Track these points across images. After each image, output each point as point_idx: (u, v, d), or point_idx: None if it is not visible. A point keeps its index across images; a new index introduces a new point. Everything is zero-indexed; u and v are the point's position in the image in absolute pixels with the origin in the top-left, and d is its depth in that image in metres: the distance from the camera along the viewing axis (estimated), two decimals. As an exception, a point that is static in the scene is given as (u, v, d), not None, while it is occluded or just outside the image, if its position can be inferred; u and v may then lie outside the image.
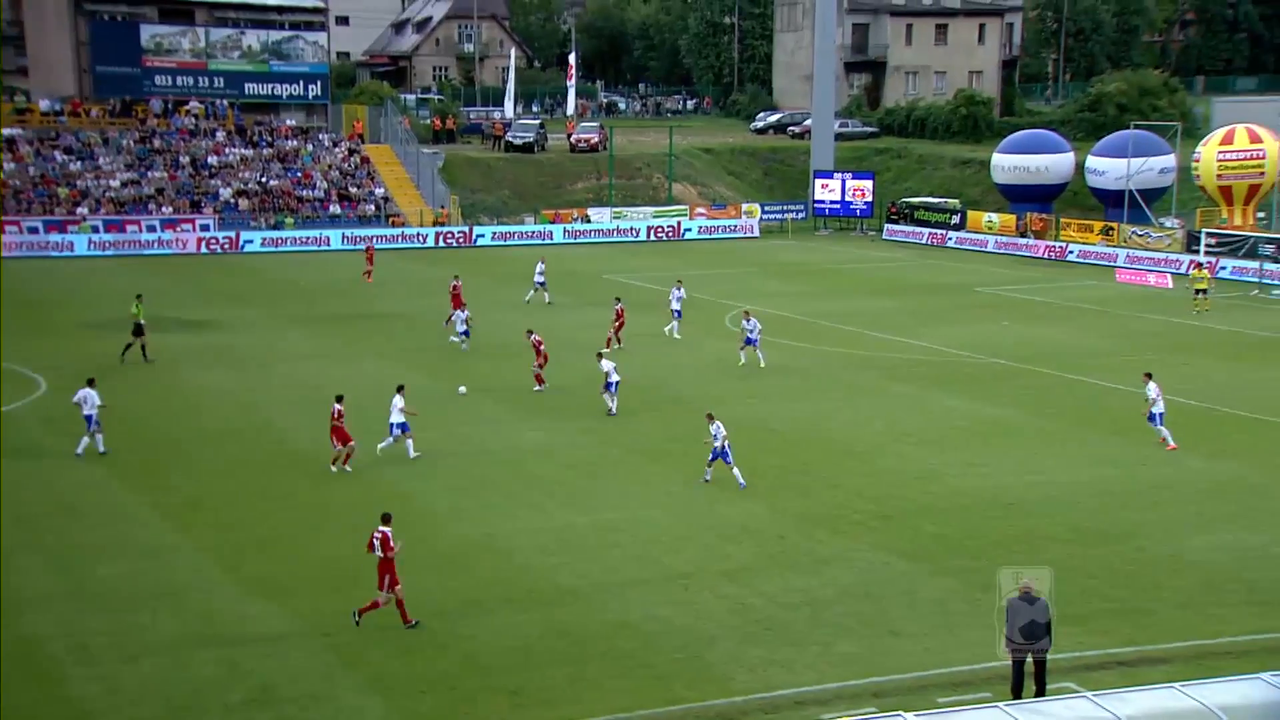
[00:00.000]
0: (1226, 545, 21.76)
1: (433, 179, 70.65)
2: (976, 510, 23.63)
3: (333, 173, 69.87)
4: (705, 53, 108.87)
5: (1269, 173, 57.77)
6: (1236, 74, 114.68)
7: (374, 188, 69.48)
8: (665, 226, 69.50)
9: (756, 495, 24.47)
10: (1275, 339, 40.50)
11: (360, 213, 67.24)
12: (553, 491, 24.78)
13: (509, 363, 36.40)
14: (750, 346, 35.81)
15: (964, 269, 57.53)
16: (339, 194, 68.21)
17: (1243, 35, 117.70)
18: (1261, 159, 57.67)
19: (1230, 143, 58.38)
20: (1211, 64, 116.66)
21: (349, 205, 67.57)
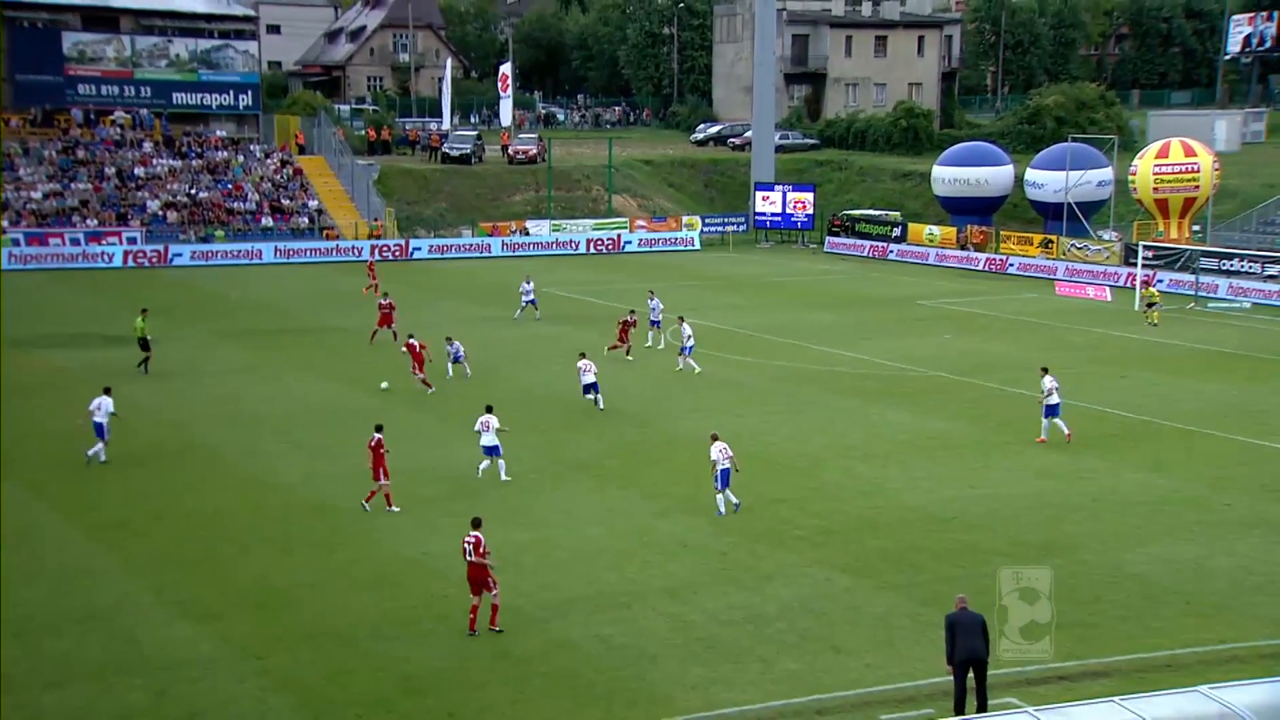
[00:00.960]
0: (1165, 557, 22.13)
1: (368, 191, 70.20)
2: (919, 524, 23.83)
3: (265, 185, 69.20)
4: (644, 64, 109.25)
5: (1203, 186, 58.96)
6: (1171, 88, 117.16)
7: (307, 200, 68.90)
8: (605, 239, 69.58)
9: (698, 511, 24.51)
10: (1212, 351, 41.32)
11: (293, 225, 66.63)
12: (492, 508, 24.61)
13: (450, 379, 36.17)
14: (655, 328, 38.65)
15: (905, 282, 58.13)
16: (271, 206, 67.55)
17: (1176, 50, 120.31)
18: (1196, 172, 58.84)
19: (1165, 156, 59.50)
20: (1147, 78, 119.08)
21: (281, 218, 66.94)
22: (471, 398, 33.77)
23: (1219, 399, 34.22)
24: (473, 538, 18.89)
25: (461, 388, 35.16)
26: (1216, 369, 38.42)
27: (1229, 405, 33.43)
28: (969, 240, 65.13)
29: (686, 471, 27.16)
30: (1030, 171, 67.63)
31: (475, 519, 19.37)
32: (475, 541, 18.84)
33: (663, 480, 26.54)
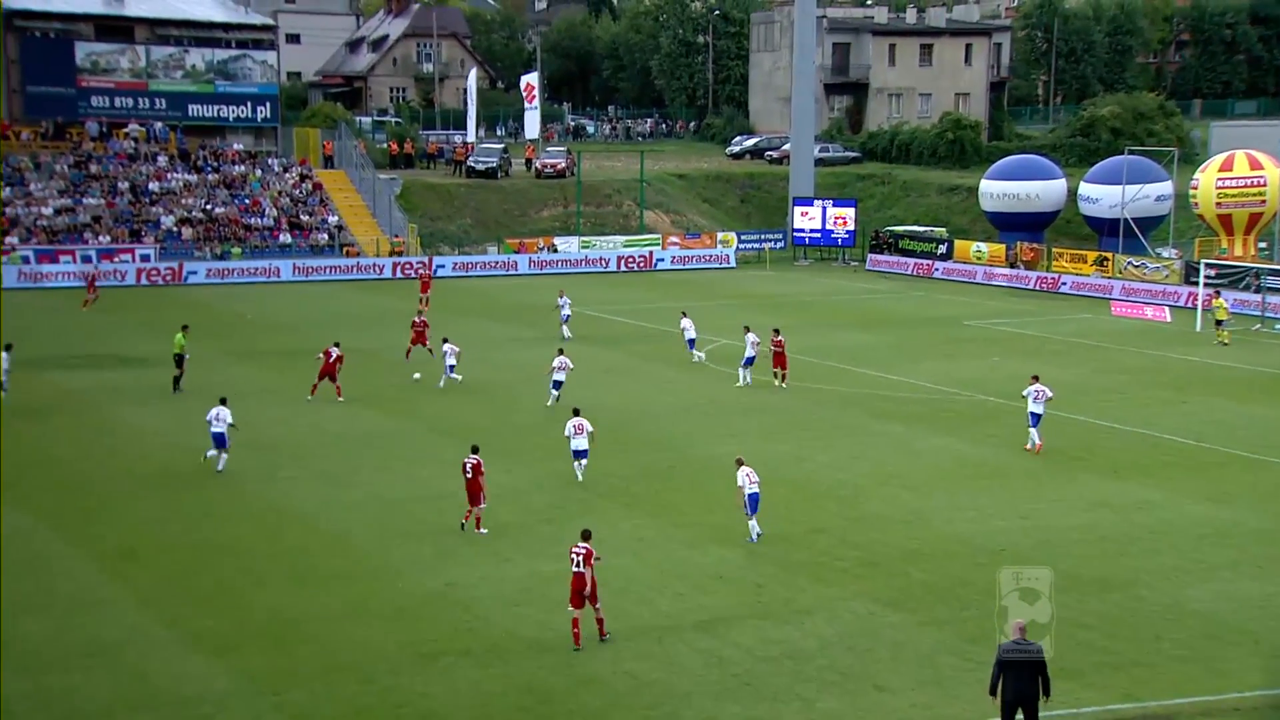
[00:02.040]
0: (1229, 594, 21.90)
1: (390, 206, 70.70)
2: (966, 557, 23.70)
3: (283, 200, 69.80)
4: (678, 74, 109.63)
5: (1270, 201, 58.54)
6: (1235, 97, 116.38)
7: (327, 215, 69.43)
8: (636, 256, 69.75)
9: (733, 542, 24.46)
10: (1278, 376, 40.91)
11: (312, 242, 67.15)
12: (516, 538, 24.68)
13: (471, 402, 36.34)
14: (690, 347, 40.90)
15: (951, 301, 57.95)
16: (290, 222, 68.11)
17: (1241, 57, 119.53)
18: (1262, 186, 58.46)
19: (1229, 169, 59.14)
20: (1209, 87, 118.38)
21: (300, 234, 67.48)
22: (493, 420, 33.94)
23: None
24: (583, 549, 19.73)
25: (488, 412, 35.26)
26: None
27: (1297, 432, 33.11)
28: (1019, 258, 64.89)
29: (720, 500, 27.10)
30: (1084, 186, 67.37)
31: (585, 531, 20.27)
32: (586, 554, 19.71)
33: (694, 509, 26.51)
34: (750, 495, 24.29)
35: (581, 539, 20.02)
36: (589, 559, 19.75)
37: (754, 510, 24.36)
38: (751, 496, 24.29)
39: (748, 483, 24.30)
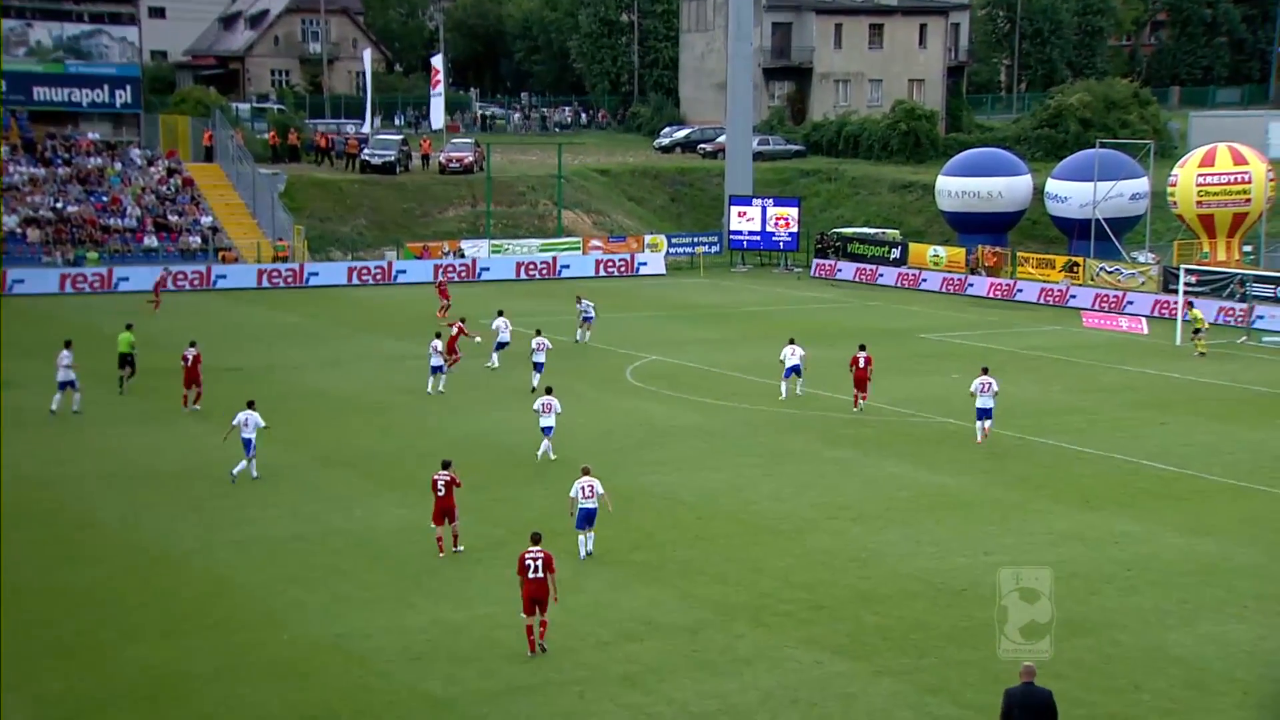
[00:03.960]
0: (1215, 638, 22.38)
1: (272, 205, 70.20)
2: (924, 597, 24.02)
3: (147, 197, 69.04)
4: (599, 57, 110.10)
5: (1255, 199, 59.89)
6: (1216, 84, 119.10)
7: (199, 215, 68.79)
8: (554, 262, 69.82)
9: (664, 582, 24.59)
10: (1266, 394, 41.93)
11: (183, 246, 66.49)
12: (420, 581, 24.62)
13: (369, 427, 36.18)
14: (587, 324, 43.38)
15: (906, 311, 58.68)
16: (156, 223, 67.38)
17: (1222, 40, 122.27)
18: (1246, 183, 59.80)
19: (1211, 164, 60.43)
20: (1188, 72, 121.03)
21: (168, 237, 66.77)
22: (394, 447, 33.83)
23: (1276, 450, 34.73)
24: (540, 553, 21.18)
25: (388, 438, 35.16)
26: (1273, 414, 39.01)
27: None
28: (980, 263, 65.88)
29: (650, 535, 27.26)
30: (1051, 183, 68.58)
31: (536, 534, 21.70)
32: (546, 558, 21.17)
33: (621, 545, 26.60)
34: (583, 509, 25.27)
35: (533, 543, 21.42)
36: (550, 564, 21.15)
37: (587, 525, 25.38)
38: (584, 511, 25.27)
39: (581, 495, 25.23)
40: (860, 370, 38.40)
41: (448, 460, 26.43)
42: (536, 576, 21.17)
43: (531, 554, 21.34)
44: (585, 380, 42.57)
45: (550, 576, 21.24)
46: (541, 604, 21.24)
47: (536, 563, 21.24)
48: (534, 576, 21.17)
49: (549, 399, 32.31)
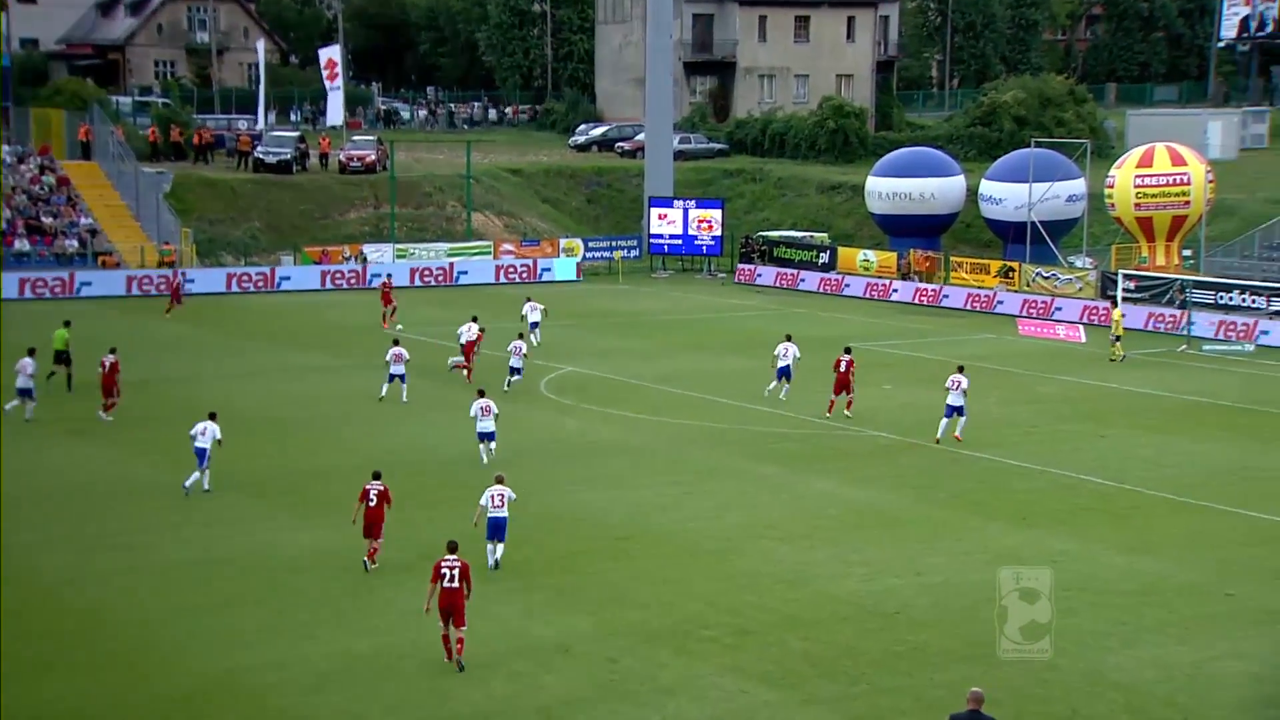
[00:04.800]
0: (1155, 661, 22.71)
1: (157, 207, 69.34)
2: (854, 621, 24.18)
3: (18, 198, 67.92)
4: (510, 49, 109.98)
5: (1195, 202, 60.89)
6: (1153, 81, 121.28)
7: (77, 217, 67.80)
8: (463, 266, 69.57)
9: (582, 608, 24.56)
10: (1208, 405, 42.68)
11: (58, 250, 65.48)
12: (319, 609, 24.41)
13: (263, 445, 35.83)
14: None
15: (835, 319, 59.08)
16: (28, 225, 66.30)
17: (1159, 35, 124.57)
18: (1185, 185, 60.81)
19: (1149, 165, 61.38)
20: (1125, 69, 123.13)
21: (42, 240, 65.73)
22: (289, 466, 33.50)
23: (1217, 463, 35.36)
24: (457, 562, 21.70)
25: (283, 457, 34.83)
26: (1214, 426, 39.69)
27: (1229, 471, 34.56)
28: (912, 268, 66.50)
29: (567, 558, 27.22)
30: (985, 184, 69.36)
31: (453, 543, 22.22)
32: (464, 567, 21.69)
33: (535, 570, 26.54)
34: (492, 519, 25.96)
35: (449, 551, 21.96)
36: (466, 574, 21.65)
37: (498, 537, 26.05)
38: (494, 521, 25.95)
39: (491, 504, 25.89)
40: (842, 374, 39.10)
41: (379, 471, 26.78)
42: (451, 585, 21.52)
43: (448, 562, 21.76)
44: (496, 394, 42.36)
45: (466, 586, 21.65)
46: (457, 615, 21.61)
47: (453, 571, 21.63)
48: (449, 585, 21.53)
49: (486, 401, 33.23)
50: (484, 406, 33.20)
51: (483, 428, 33.17)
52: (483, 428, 33.17)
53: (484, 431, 33.19)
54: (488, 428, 33.13)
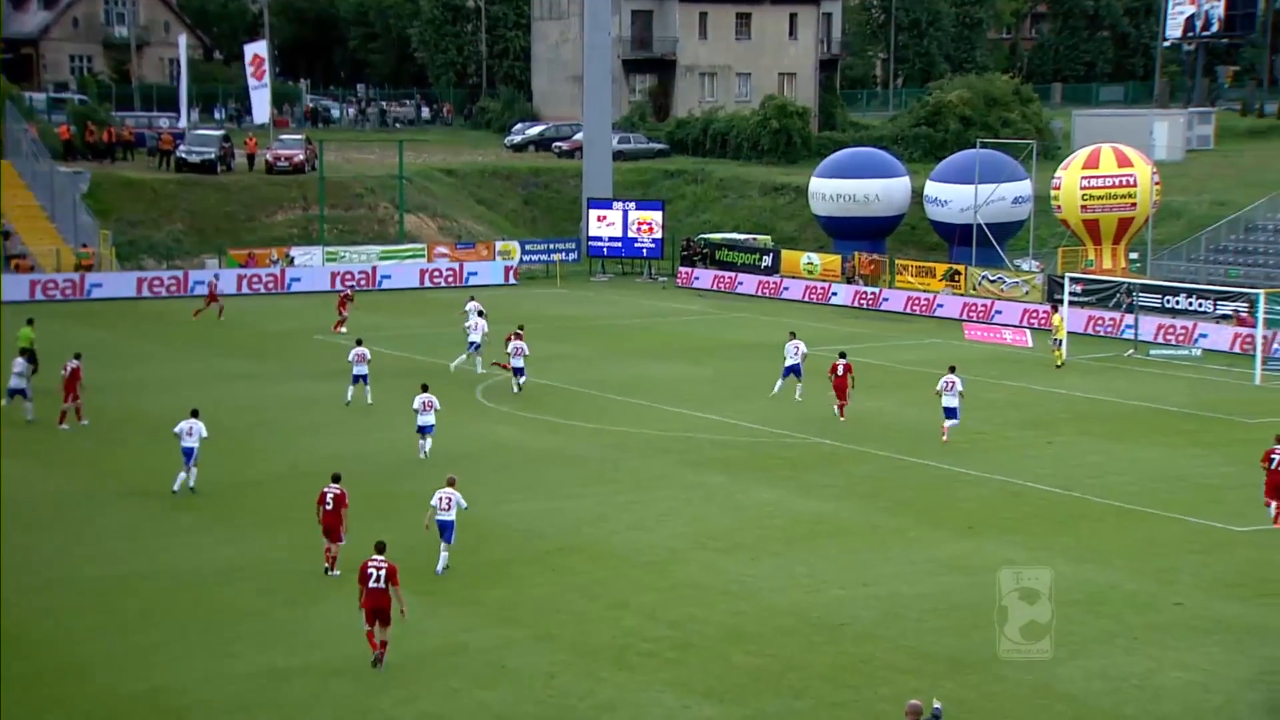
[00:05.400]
0: (1103, 673, 22.92)
1: (74, 208, 68.61)
2: (799, 634, 24.26)
3: (-74, 199, 67.03)
4: (443, 45, 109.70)
5: (1141, 204, 61.54)
6: (1099, 81, 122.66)
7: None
8: (396, 270, 69.25)
9: (519, 622, 24.52)
10: (1154, 410, 43.13)
11: (-32, 253, 64.68)
12: (246, 625, 24.24)
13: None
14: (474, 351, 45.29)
15: (779, 324, 59.21)
16: (-62, 227, 65.44)
17: (1105, 34, 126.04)
18: (1132, 186, 61.45)
19: (1095, 166, 61.98)
20: (1070, 68, 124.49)
21: (-48, 243, 64.89)
22: (215, 476, 33.23)
23: (1164, 470, 35.74)
24: (384, 563, 21.98)
25: (210, 467, 34.54)
26: (1160, 432, 40.14)
27: (1176, 478, 34.95)
28: (856, 271, 66.84)
29: (503, 570, 27.17)
30: (930, 185, 69.85)
31: (380, 543, 22.50)
32: (390, 569, 21.92)
33: (472, 583, 26.48)
34: (440, 521, 26.41)
35: (376, 551, 22.25)
36: (393, 575, 21.90)
37: (445, 539, 26.51)
38: (440, 524, 26.41)
39: (440, 506, 26.39)
40: (839, 379, 39.77)
41: (338, 474, 27.05)
42: (377, 586, 21.82)
43: (374, 562, 22.07)
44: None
45: (394, 589, 21.88)
46: (383, 616, 21.92)
47: (379, 572, 21.90)
48: (375, 586, 21.83)
49: (429, 396, 34.17)
50: (426, 401, 34.10)
51: (423, 421, 34.11)
52: (423, 421, 34.11)
53: (424, 425, 34.14)
54: (428, 421, 34.09)
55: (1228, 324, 53.59)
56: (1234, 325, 52.99)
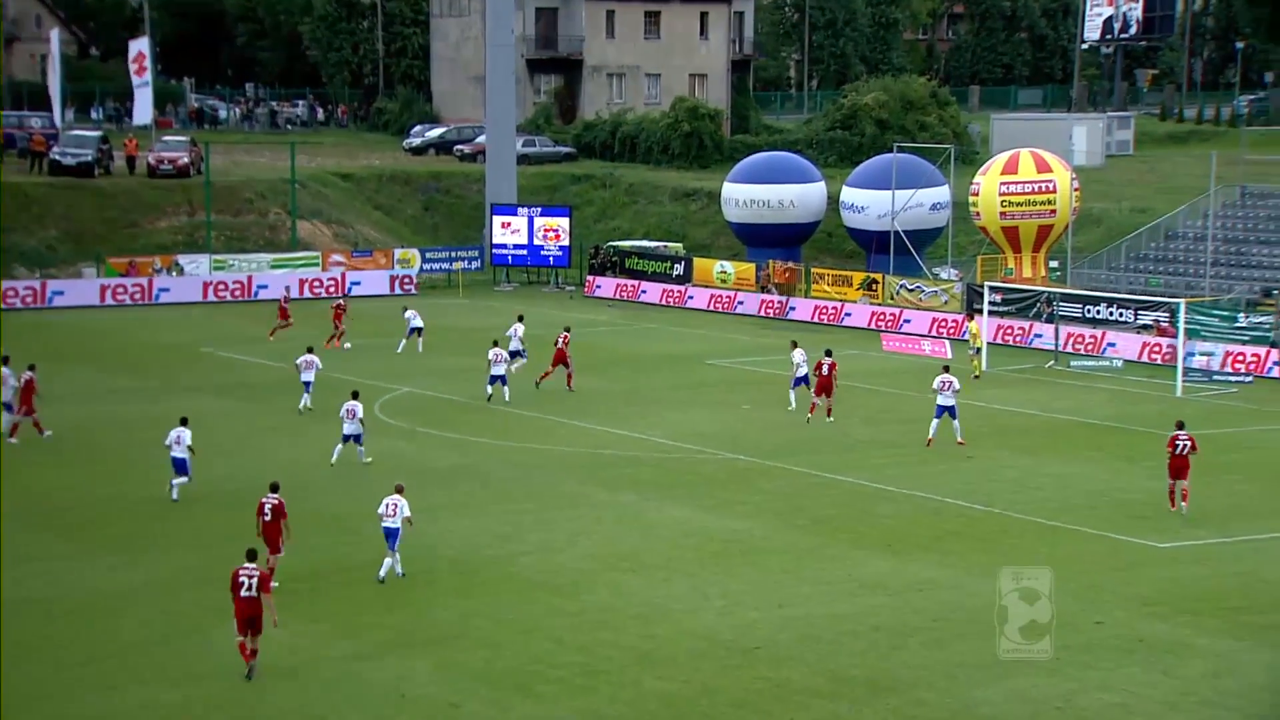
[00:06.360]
0: (1024, 694, 23.22)
1: (-62, 214, 67.42)
2: (713, 658, 24.39)
3: None
4: (337, 43, 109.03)
5: (1061, 211, 62.43)
6: (1018, 84, 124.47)
7: None
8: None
9: (419, 649, 24.46)
10: (1076, 423, 43.78)
11: None
12: (130, 657, 24.05)
13: (64, 472, 35.13)
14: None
15: (691, 335, 59.53)
16: None
17: (1022, 36, 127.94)
18: (1051, 192, 62.31)
19: (1014, 171, 62.78)
20: (987, 70, 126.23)
21: None
22: (92, 496, 32.85)
23: (1086, 485, 36.28)
24: (255, 570, 22.64)
25: (88, 486, 34.15)
26: (1082, 445, 40.75)
27: (1098, 493, 35.50)
28: (771, 280, 67.25)
29: (402, 595, 27.08)
30: (846, 191, 70.41)
31: (251, 551, 23.08)
32: (263, 577, 22.65)
33: (372, 607, 26.39)
34: (386, 529, 27.47)
35: (248, 559, 22.86)
36: (266, 584, 22.57)
37: (390, 546, 27.46)
38: (386, 530, 27.47)
39: (386, 513, 27.43)
40: (824, 378, 41.28)
41: (276, 483, 27.61)
42: (250, 595, 22.43)
43: (246, 570, 22.66)
44: (328, 417, 42.04)
45: (265, 597, 22.55)
46: (256, 625, 22.56)
47: (251, 580, 22.51)
48: (247, 595, 22.44)
49: (355, 404, 35.43)
50: (350, 409, 35.25)
51: (349, 430, 35.22)
52: (349, 430, 35.22)
53: (349, 434, 35.29)
54: (354, 430, 35.22)
55: (1149, 334, 54.55)
56: (1154, 335, 53.94)
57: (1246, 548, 31.12)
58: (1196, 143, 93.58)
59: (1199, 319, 52.18)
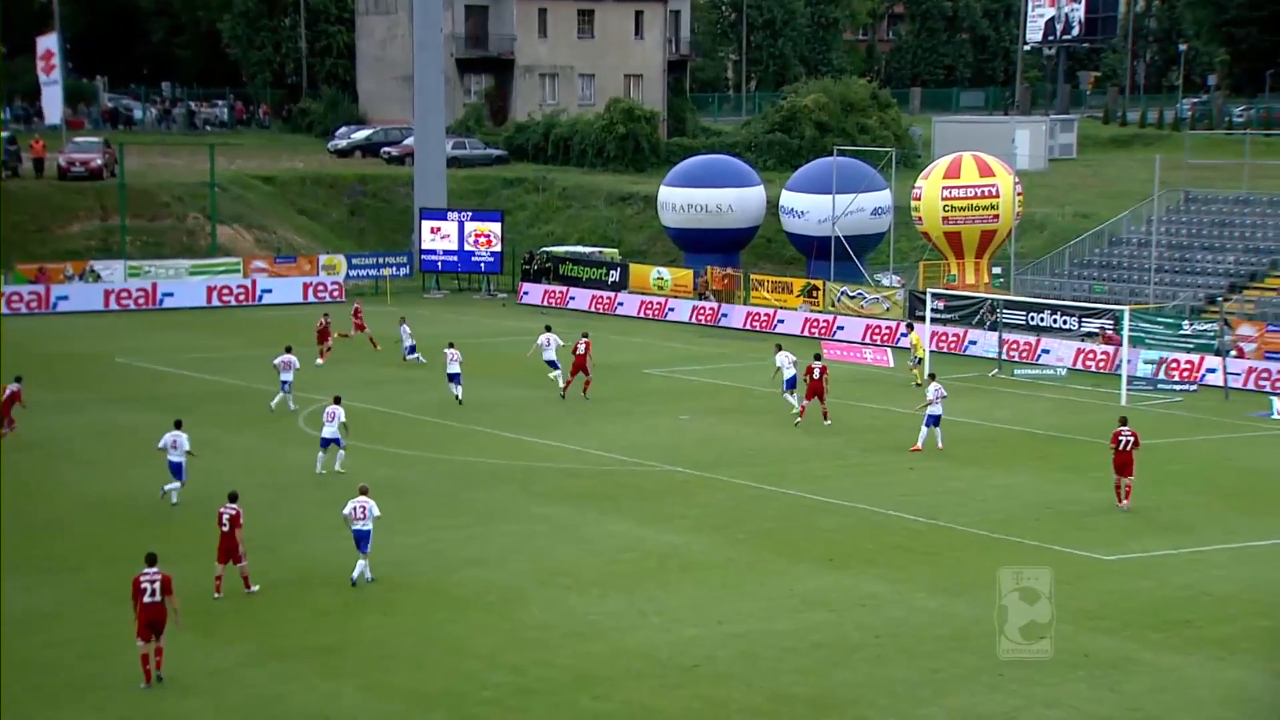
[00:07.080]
0: (968, 711, 23.40)
1: None
2: (651, 676, 24.43)
3: None
4: (258, 41, 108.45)
5: (1004, 215, 63.03)
6: (959, 85, 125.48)
7: None
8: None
9: (346, 671, 24.36)
10: (1019, 433, 44.16)
11: None
12: (49, 674, 23.87)
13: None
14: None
15: (627, 343, 59.56)
16: None
17: (964, 37, 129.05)
18: (994, 197, 62.92)
19: (956, 175, 63.35)
20: (929, 72, 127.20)
21: None
22: (10, 522, 32.57)
23: (1029, 496, 36.60)
24: (157, 574, 23.14)
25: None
26: (1026, 456, 41.09)
27: (1041, 504, 35.79)
28: (709, 286, 67.43)
29: (327, 614, 26.97)
30: (786, 195, 70.73)
31: (151, 555, 23.57)
32: (164, 580, 23.11)
33: (294, 628, 26.26)
34: (356, 531, 28.20)
35: (148, 564, 23.32)
36: (168, 587, 23.05)
37: (361, 550, 28.16)
38: (356, 533, 28.20)
39: (354, 515, 28.17)
40: (815, 381, 42.20)
41: (234, 492, 28.07)
42: (153, 600, 22.98)
43: (148, 575, 23.21)
44: (251, 429, 41.83)
45: (169, 600, 23.08)
46: (158, 629, 23.09)
47: (153, 585, 23.06)
48: (150, 600, 22.98)
49: (335, 408, 36.22)
50: (330, 413, 36.17)
51: (327, 434, 36.13)
52: (327, 434, 36.13)
53: (327, 438, 36.19)
54: (331, 434, 36.06)
55: (1094, 341, 55.09)
56: (1100, 343, 54.49)
57: (1191, 560, 31.49)
58: (1140, 146, 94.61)
59: (1143, 326, 52.77)
